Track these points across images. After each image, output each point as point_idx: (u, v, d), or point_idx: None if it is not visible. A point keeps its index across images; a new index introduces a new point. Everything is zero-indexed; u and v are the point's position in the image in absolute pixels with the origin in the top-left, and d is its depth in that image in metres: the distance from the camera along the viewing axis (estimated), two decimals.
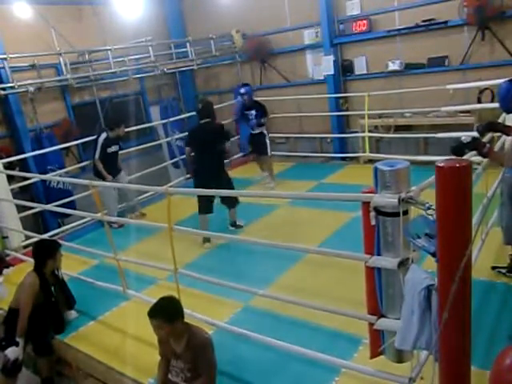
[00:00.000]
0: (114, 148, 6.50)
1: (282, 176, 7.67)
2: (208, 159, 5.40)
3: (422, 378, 2.45)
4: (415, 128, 7.55)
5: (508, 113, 3.86)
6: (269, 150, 7.31)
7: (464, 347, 2.13)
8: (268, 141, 7.31)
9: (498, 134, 3.88)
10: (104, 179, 6.17)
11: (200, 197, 5.49)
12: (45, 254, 3.99)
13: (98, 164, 6.34)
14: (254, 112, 7.24)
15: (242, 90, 7.28)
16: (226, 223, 5.79)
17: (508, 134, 3.53)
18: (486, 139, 3.56)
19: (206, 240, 5.44)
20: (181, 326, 2.85)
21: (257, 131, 7.30)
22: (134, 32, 8.32)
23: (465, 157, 3.08)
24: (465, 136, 3.16)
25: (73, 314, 4.27)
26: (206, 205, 5.51)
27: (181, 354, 2.89)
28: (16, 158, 6.43)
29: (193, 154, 5.55)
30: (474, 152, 3.18)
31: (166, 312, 2.80)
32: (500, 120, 4.25)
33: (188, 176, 8.14)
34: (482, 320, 3.24)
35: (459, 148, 3.11)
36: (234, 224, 5.80)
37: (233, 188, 5.57)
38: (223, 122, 7.80)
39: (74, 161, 8.15)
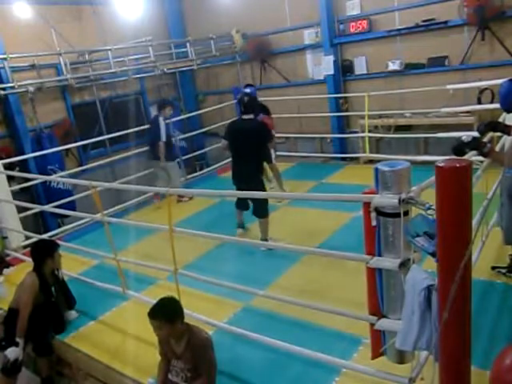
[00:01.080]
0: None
1: (282, 176, 7.65)
2: (242, 159, 5.15)
3: (422, 378, 2.45)
4: (415, 128, 7.55)
5: (508, 112, 3.86)
6: (272, 157, 6.48)
7: (464, 347, 2.13)
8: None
9: (499, 133, 3.88)
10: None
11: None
12: (43, 254, 3.99)
13: (161, 146, 6.69)
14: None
15: (248, 90, 6.87)
16: (227, 223, 5.76)
17: (509, 134, 3.53)
18: (486, 139, 3.56)
19: (240, 227, 5.55)
20: (181, 327, 2.85)
21: None
22: (134, 32, 8.32)
23: (465, 156, 3.08)
24: (465, 135, 3.15)
25: (73, 314, 4.27)
26: (239, 201, 5.47)
27: (181, 354, 2.89)
28: (16, 159, 6.42)
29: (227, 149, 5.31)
30: (475, 152, 3.18)
31: (166, 312, 2.80)
32: (500, 120, 4.25)
33: (188, 176, 8.16)
34: (481, 320, 3.24)
35: (460, 147, 3.11)
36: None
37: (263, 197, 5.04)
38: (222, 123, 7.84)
39: (74, 161, 8.16)
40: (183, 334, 2.87)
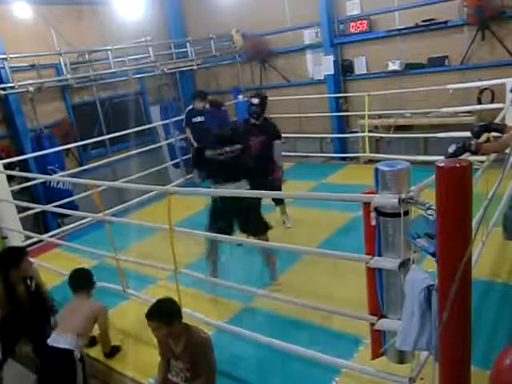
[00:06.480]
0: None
1: (281, 176, 7.65)
2: None
3: (422, 378, 2.45)
4: (415, 128, 7.55)
5: None
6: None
7: (464, 347, 2.13)
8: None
9: (494, 134, 3.87)
10: None
11: None
12: (7, 264, 3.65)
13: None
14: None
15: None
16: None
17: (502, 132, 3.53)
18: (481, 140, 3.55)
19: None
20: (179, 327, 2.85)
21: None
22: (134, 32, 8.31)
23: (463, 156, 3.08)
24: (450, 147, 3.19)
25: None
26: None
27: (180, 355, 2.89)
28: (16, 159, 6.42)
29: None
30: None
31: (164, 314, 2.80)
32: (498, 120, 4.24)
33: (188, 176, 8.15)
34: (481, 320, 3.24)
35: (451, 157, 3.13)
36: None
37: None
38: None
39: (74, 161, 8.16)
40: (181, 334, 2.87)
